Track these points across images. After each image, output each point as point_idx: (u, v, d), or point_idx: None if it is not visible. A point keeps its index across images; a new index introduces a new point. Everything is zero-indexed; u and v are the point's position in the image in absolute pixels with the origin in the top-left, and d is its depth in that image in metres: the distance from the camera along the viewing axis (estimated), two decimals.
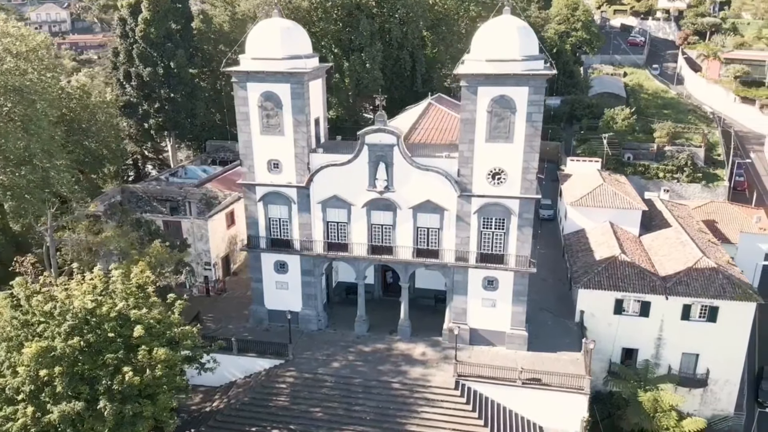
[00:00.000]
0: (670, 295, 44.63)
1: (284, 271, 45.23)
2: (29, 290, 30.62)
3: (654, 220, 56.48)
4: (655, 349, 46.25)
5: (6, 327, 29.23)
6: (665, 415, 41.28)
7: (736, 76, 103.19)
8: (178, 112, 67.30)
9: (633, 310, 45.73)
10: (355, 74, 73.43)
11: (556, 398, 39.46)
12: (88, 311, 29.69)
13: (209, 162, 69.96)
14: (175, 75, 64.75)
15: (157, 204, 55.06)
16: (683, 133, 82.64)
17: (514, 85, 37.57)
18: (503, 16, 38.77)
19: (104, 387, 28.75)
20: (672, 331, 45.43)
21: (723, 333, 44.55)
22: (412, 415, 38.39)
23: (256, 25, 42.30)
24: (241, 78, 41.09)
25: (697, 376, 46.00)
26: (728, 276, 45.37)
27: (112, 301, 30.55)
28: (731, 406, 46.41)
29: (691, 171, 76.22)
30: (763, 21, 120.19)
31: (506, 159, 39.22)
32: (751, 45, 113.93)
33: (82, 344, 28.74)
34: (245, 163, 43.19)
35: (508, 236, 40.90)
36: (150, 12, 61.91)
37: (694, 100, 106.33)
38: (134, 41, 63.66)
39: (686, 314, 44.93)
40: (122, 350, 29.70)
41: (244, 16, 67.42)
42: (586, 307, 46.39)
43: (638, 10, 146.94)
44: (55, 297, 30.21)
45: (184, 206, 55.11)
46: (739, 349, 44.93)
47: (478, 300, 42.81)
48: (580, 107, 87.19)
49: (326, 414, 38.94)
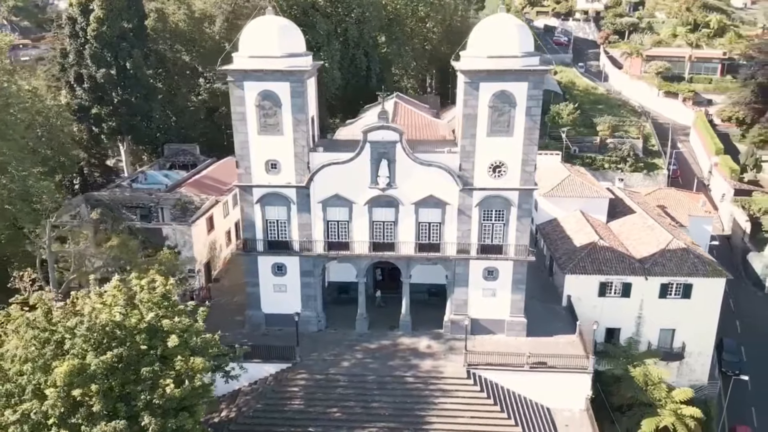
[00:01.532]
0: (649, 276, 47.78)
1: (282, 273, 44.43)
2: (47, 305, 28.50)
3: (617, 208, 59.94)
4: (636, 327, 49.29)
5: (28, 347, 27.01)
6: (656, 388, 44.14)
7: (658, 72, 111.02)
8: (134, 115, 64.18)
9: (615, 291, 48.54)
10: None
11: (562, 379, 41.29)
12: (116, 324, 28.05)
13: (168, 167, 67.22)
14: (131, 76, 61.74)
15: (127, 212, 52.46)
16: (621, 126, 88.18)
17: (514, 80, 38.95)
18: (500, 14, 40.16)
19: (143, 402, 27.27)
20: (651, 309, 48.59)
21: (696, 308, 48.19)
22: (429, 406, 38.93)
23: (250, 22, 41.26)
24: (237, 77, 39.99)
25: (674, 350, 49.46)
26: (698, 255, 49.18)
27: (139, 312, 29.01)
28: (705, 376, 50.29)
29: (633, 161, 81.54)
30: (676, 20, 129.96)
31: (506, 152, 40.56)
32: (668, 43, 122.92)
33: (114, 359, 27.12)
34: (241, 165, 42.04)
35: (508, 227, 42.30)
36: (103, 10, 58.68)
37: (621, 95, 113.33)
38: (86, 41, 60.09)
39: (663, 293, 48.23)
40: (157, 362, 28.29)
41: (201, 14, 65.27)
42: (573, 292, 48.73)
43: (559, 11, 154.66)
44: (79, 311, 28.29)
45: (156, 213, 52.88)
46: (711, 323, 48.77)
47: (478, 290, 43.95)
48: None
49: (344, 413, 38.72)
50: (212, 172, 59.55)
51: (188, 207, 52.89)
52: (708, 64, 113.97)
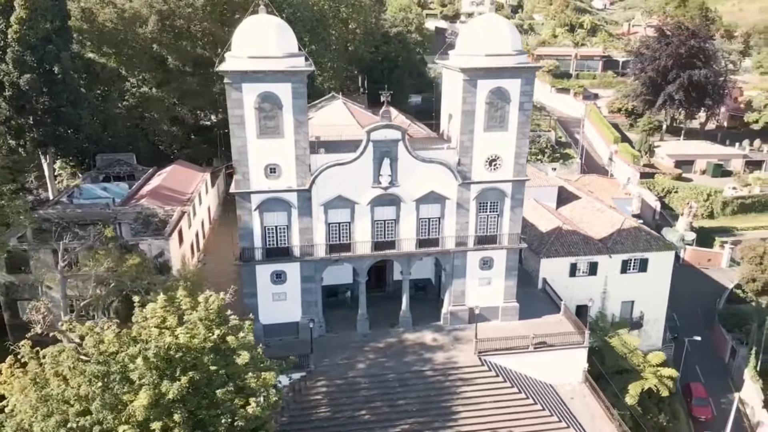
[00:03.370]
0: (612, 254, 52.36)
1: (281, 281, 43.04)
2: (98, 335, 25.56)
3: (562, 195, 64.70)
4: (602, 302, 53.77)
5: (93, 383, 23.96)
6: (633, 354, 48.62)
7: (549, 70, 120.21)
8: (61, 124, 58.20)
9: (584, 271, 52.63)
10: None
11: (561, 356, 44.06)
12: (181, 346, 25.90)
13: (101, 179, 61.81)
14: (59, 81, 55.91)
15: (79, 230, 47.75)
16: (533, 120, 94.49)
17: (509, 77, 41.02)
18: (489, 14, 42.07)
19: (225, 427, 25.44)
20: (614, 285, 53.29)
21: (652, 280, 53.63)
22: (453, 397, 39.89)
23: (244, 21, 39.53)
24: (235, 78, 38.15)
25: (633, 319, 54.62)
26: (648, 232, 54.70)
27: (202, 332, 26.96)
28: (659, 341, 56.00)
29: (550, 152, 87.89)
30: (554, 21, 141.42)
31: (501, 146, 42.53)
32: (551, 43, 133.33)
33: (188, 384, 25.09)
34: (239, 171, 40.13)
35: (502, 217, 44.32)
36: (26, 10, 52.52)
37: None
38: (6, 45, 53.47)
39: (624, 268, 53.12)
40: (230, 382, 26.54)
41: (132, 14, 60.56)
42: (548, 274, 52.07)
43: (447, 14, 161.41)
44: (136, 337, 25.70)
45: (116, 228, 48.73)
46: (664, 292, 54.50)
47: (475, 280, 45.56)
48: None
49: (373, 414, 38.53)
50: (165, 182, 55.77)
51: (151, 220, 49.30)
52: (590, 62, 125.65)
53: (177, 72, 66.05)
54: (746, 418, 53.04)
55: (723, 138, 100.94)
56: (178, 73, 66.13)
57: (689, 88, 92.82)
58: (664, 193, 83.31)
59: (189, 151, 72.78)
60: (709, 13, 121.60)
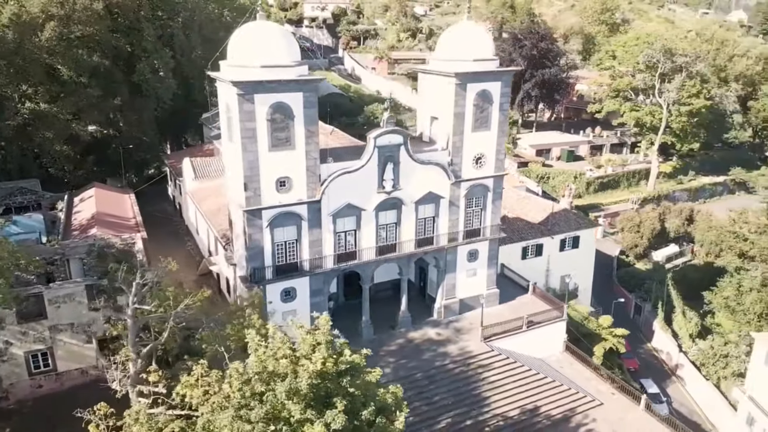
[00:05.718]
0: (553, 235, 58.47)
1: (291, 298, 41.39)
2: (240, 374, 22.96)
3: None
4: (545, 278, 59.78)
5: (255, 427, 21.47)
6: (588, 321, 55.00)
7: (407, 73, 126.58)
8: None
9: (532, 253, 58.04)
10: (145, 84, 65.36)
11: (546, 331, 48.46)
12: (320, 373, 24.48)
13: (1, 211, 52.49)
14: None
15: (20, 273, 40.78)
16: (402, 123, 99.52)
17: (492, 80, 44.03)
18: (465, 21, 44.61)
19: None
20: (554, 263, 59.57)
21: (582, 254, 60.91)
22: (481, 384, 41.95)
23: (244, 28, 37.00)
24: (247, 89, 35.83)
25: (570, 290, 61.50)
26: (574, 213, 61.92)
27: (333, 356, 25.63)
28: (589, 308, 63.52)
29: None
30: (396, 26, 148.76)
31: (486, 144, 45.44)
32: (398, 47, 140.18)
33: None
34: (250, 187, 37.72)
35: (485, 211, 47.36)
36: None
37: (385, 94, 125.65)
38: None
39: (563, 247, 59.66)
40: (369, 401, 25.64)
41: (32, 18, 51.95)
42: (505, 260, 56.42)
43: (291, 18, 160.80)
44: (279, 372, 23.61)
45: (63, 267, 42.58)
46: (591, 264, 62.16)
47: (463, 273, 48.05)
48: (336, 108, 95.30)
49: (416, 416, 38.89)
50: (101, 208, 49.38)
51: (106, 252, 43.70)
52: None
53: (72, 84, 58.47)
54: (664, 363, 62.80)
55: (567, 127, 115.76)
56: (73, 84, 58.56)
57: (542, 85, 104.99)
58: (538, 180, 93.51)
59: (83, 172, 64.77)
60: (535, 18, 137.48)
